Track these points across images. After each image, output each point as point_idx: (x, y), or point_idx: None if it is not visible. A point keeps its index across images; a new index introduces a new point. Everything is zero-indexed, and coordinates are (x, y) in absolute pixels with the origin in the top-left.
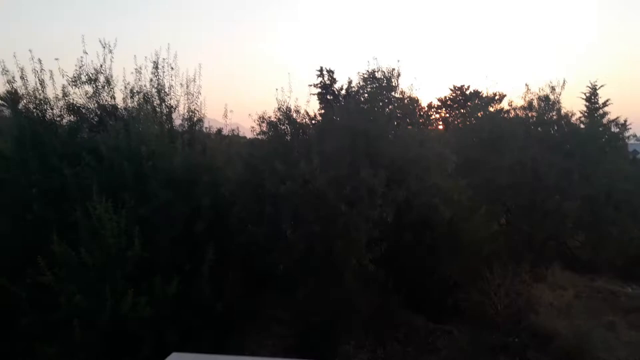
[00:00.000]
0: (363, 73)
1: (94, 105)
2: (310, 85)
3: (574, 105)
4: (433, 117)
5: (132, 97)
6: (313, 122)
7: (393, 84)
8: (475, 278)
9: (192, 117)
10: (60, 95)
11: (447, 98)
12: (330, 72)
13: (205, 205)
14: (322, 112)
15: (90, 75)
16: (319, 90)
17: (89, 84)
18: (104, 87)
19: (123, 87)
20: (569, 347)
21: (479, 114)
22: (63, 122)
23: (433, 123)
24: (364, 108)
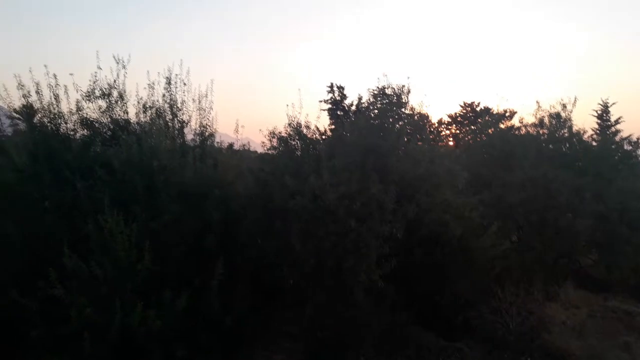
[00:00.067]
0: (373, 89)
1: (107, 120)
2: (321, 101)
3: (586, 123)
4: (443, 133)
5: (144, 112)
6: (323, 137)
7: (403, 100)
8: (487, 295)
9: (203, 132)
10: (74, 110)
11: (457, 114)
12: (341, 88)
13: (216, 220)
14: (332, 127)
15: (104, 90)
16: (330, 106)
17: (103, 99)
18: (117, 101)
19: (136, 102)
20: None
21: (490, 131)
22: (76, 136)
23: (443, 139)
24: (374, 124)
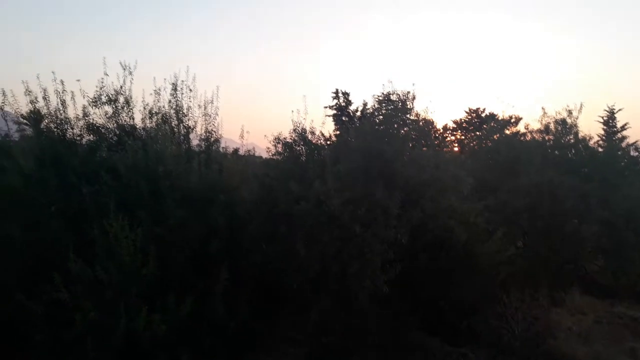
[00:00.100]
0: (378, 95)
1: (113, 125)
2: (326, 107)
3: (592, 129)
4: (448, 139)
5: (150, 117)
6: (328, 143)
7: (408, 106)
8: (492, 301)
9: (209, 137)
10: (81, 115)
11: (462, 120)
12: (346, 94)
13: (221, 225)
14: (337, 133)
15: (111, 96)
16: (335, 112)
17: (109, 105)
18: (124, 107)
19: (142, 107)
20: None
21: (495, 137)
22: (83, 141)
23: (448, 145)
24: (379, 130)
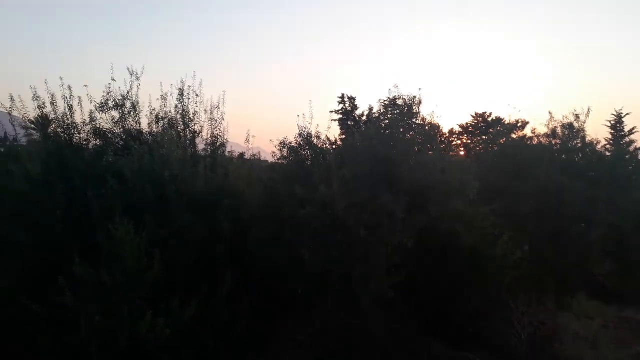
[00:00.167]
0: (384, 100)
1: (120, 130)
2: (332, 112)
3: (599, 133)
4: (454, 143)
5: (157, 122)
6: (334, 147)
7: (414, 111)
8: (498, 305)
9: (215, 142)
10: (88, 120)
11: (468, 124)
12: (352, 99)
13: (225, 229)
14: (342, 137)
15: (117, 102)
16: (340, 116)
17: (116, 110)
18: (130, 112)
19: (149, 112)
20: None
21: (502, 141)
22: (89, 146)
23: (454, 149)
24: (385, 134)
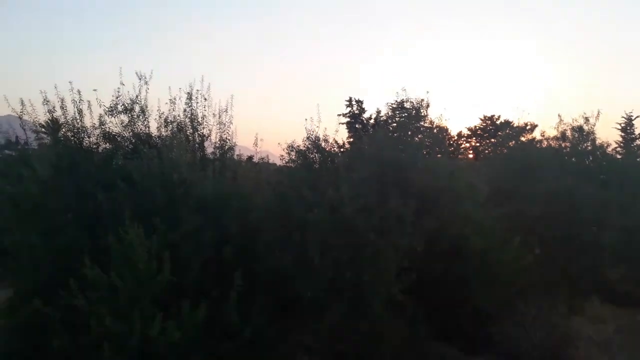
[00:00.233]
0: (392, 103)
1: (129, 134)
2: (340, 115)
3: (610, 136)
4: (463, 146)
5: (166, 126)
6: (342, 150)
7: (422, 114)
8: (510, 309)
9: (223, 145)
10: (97, 124)
11: (477, 127)
12: (359, 102)
13: (234, 231)
14: (350, 141)
15: (127, 105)
16: (348, 120)
17: (125, 114)
18: (139, 116)
19: (157, 116)
20: None
21: (511, 144)
22: (99, 149)
23: (463, 152)
24: (393, 137)
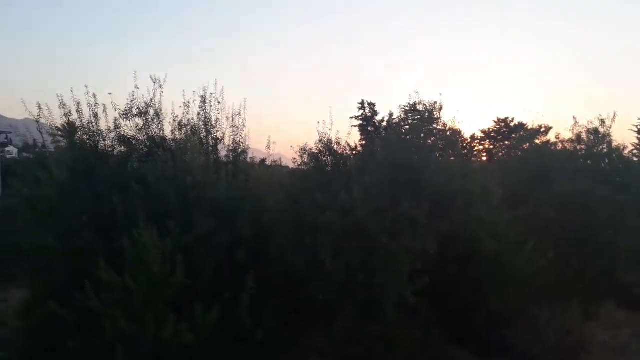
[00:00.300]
0: (404, 106)
1: (144, 137)
2: (352, 118)
3: (626, 138)
4: (477, 148)
5: (180, 129)
6: (354, 153)
7: (435, 116)
8: (523, 313)
9: (236, 148)
10: (112, 127)
11: (490, 130)
12: (372, 104)
13: (247, 234)
14: (363, 143)
15: (141, 109)
16: (360, 122)
17: (140, 117)
18: (154, 119)
19: (172, 119)
20: None
21: (525, 146)
22: (114, 152)
23: (477, 155)
24: (406, 140)
